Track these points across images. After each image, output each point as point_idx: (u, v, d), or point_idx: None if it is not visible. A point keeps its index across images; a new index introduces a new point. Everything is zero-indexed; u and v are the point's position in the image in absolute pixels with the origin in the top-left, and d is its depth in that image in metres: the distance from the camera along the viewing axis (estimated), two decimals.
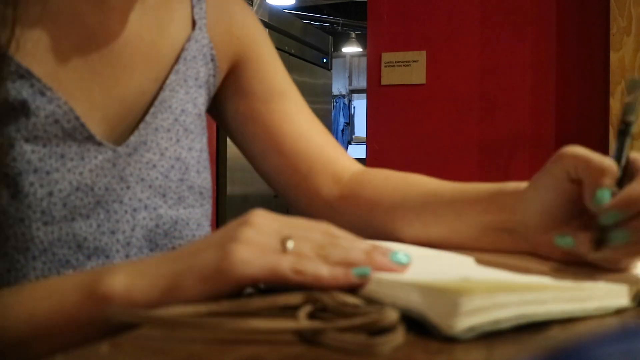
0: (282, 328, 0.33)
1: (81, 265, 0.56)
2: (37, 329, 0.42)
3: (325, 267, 0.40)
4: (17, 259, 0.54)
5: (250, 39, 0.76)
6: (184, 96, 0.67)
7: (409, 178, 0.68)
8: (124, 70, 0.62)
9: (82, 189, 0.57)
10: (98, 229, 0.58)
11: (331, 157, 0.75)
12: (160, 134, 0.64)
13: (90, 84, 0.59)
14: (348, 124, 9.88)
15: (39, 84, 0.55)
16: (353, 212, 0.70)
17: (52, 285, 0.45)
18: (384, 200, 0.66)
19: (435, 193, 0.61)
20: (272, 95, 0.75)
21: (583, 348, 0.21)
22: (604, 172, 0.45)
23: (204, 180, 0.69)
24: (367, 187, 0.70)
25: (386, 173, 0.71)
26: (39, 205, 0.54)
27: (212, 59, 0.71)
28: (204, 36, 0.70)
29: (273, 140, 0.74)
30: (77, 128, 0.57)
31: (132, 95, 0.62)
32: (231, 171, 3.21)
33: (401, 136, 2.66)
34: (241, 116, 0.75)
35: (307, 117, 0.77)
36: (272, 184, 0.77)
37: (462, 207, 0.58)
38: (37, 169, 0.54)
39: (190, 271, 0.40)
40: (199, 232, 0.67)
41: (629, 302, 0.41)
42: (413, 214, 0.62)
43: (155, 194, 0.63)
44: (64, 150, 0.56)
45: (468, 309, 0.33)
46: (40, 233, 0.54)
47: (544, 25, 2.43)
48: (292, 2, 6.02)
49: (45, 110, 0.55)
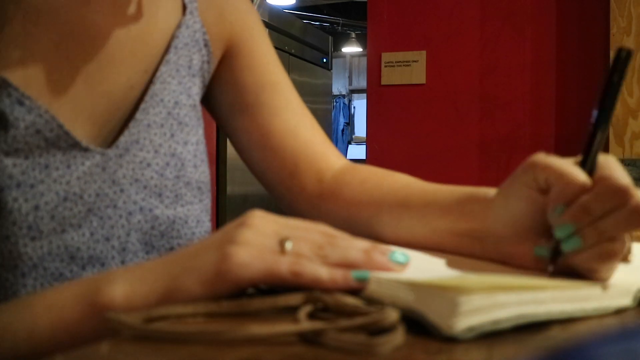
0: (282, 332, 0.33)
1: (75, 276, 0.55)
2: (38, 345, 0.41)
3: (324, 270, 0.40)
4: (5, 277, 0.51)
5: (243, 24, 0.73)
6: (176, 87, 0.64)
7: (384, 182, 0.65)
8: (110, 65, 0.58)
9: (71, 199, 0.54)
10: (92, 237, 0.56)
11: (317, 154, 0.72)
12: (154, 130, 0.62)
13: (74, 83, 0.56)
14: (348, 124, 9.88)
15: (16, 93, 0.51)
16: (333, 212, 0.68)
17: (49, 299, 0.43)
18: (360, 206, 0.64)
19: (407, 201, 0.59)
20: (262, 87, 0.72)
21: (583, 348, 0.21)
22: (576, 189, 0.42)
23: (202, 174, 0.67)
24: (345, 189, 0.68)
25: (364, 174, 0.69)
26: (24, 221, 0.51)
27: (205, 44, 0.68)
28: (195, 20, 0.67)
29: (260, 135, 0.72)
30: (61, 136, 0.54)
31: (119, 91, 0.59)
32: (231, 171, 3.21)
33: (401, 136, 2.66)
34: (231, 108, 0.73)
35: (296, 110, 0.74)
36: (259, 178, 0.76)
37: (432, 216, 0.55)
38: (20, 183, 0.52)
39: (189, 274, 0.40)
40: (199, 228, 0.65)
41: (629, 302, 0.41)
42: (385, 221, 0.60)
43: (150, 194, 0.61)
44: (47, 161, 0.53)
45: (467, 308, 0.33)
46: (28, 249, 0.52)
47: (544, 25, 2.43)
48: (292, 2, 6.02)
49: (25, 121, 0.52)
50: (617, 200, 0.41)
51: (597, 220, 0.41)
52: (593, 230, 0.41)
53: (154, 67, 0.63)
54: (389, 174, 0.67)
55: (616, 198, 0.41)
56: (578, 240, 0.42)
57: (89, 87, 0.57)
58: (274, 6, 4.17)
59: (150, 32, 0.62)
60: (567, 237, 0.42)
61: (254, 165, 0.75)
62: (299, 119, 0.73)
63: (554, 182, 0.43)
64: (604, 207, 0.41)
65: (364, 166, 0.72)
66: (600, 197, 0.41)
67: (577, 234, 0.42)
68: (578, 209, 0.42)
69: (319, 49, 4.59)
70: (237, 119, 0.73)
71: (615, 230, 0.41)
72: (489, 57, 2.52)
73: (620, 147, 2.15)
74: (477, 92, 2.54)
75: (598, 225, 0.41)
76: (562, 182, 0.43)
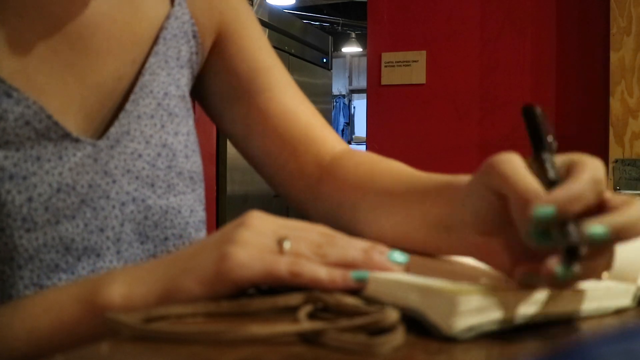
0: (282, 332, 0.33)
1: (71, 268, 0.55)
2: (37, 346, 0.41)
3: (323, 269, 0.40)
4: (2, 270, 0.51)
5: (232, 11, 0.72)
6: (165, 78, 0.64)
7: (376, 167, 0.63)
8: (98, 56, 0.58)
9: (64, 190, 0.54)
10: (86, 228, 0.56)
11: (317, 137, 0.71)
12: (144, 121, 0.62)
13: (63, 76, 0.56)
14: (348, 124, 9.88)
15: (3, 86, 0.51)
16: (328, 195, 0.66)
17: (48, 299, 0.43)
18: (350, 190, 0.63)
19: (393, 187, 0.57)
20: (257, 73, 0.71)
21: (583, 348, 0.21)
22: (527, 203, 0.37)
23: (194, 164, 0.66)
24: (339, 173, 0.66)
25: (360, 159, 0.67)
26: (18, 213, 0.51)
27: (193, 35, 0.68)
28: (184, 12, 0.66)
29: (258, 120, 0.70)
30: (51, 127, 0.54)
31: (108, 82, 0.59)
32: (231, 171, 3.21)
33: (401, 136, 2.66)
34: (225, 97, 0.72)
35: (294, 95, 0.72)
36: (257, 166, 0.74)
37: (410, 202, 0.54)
38: (12, 175, 0.52)
39: (188, 274, 0.40)
40: (193, 218, 0.65)
41: (629, 302, 0.41)
42: (368, 206, 0.59)
43: (143, 184, 0.61)
44: (39, 152, 0.53)
45: (467, 308, 0.33)
46: (23, 241, 0.52)
47: (544, 25, 2.44)
48: (292, 2, 6.02)
49: (14, 113, 0.51)
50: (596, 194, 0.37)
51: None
52: None
53: (142, 58, 0.62)
54: (383, 160, 0.66)
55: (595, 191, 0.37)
56: (578, 268, 0.36)
57: (78, 79, 0.57)
58: (274, 6, 4.17)
59: (137, 23, 0.62)
60: (562, 266, 0.35)
61: (252, 153, 0.73)
62: (297, 102, 0.72)
63: (508, 194, 0.39)
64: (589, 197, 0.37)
65: (362, 152, 0.70)
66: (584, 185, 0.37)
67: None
68: (564, 196, 0.36)
69: (319, 49, 4.59)
70: (232, 108, 0.72)
71: None
72: (489, 57, 2.52)
73: (620, 147, 2.15)
74: (477, 92, 2.54)
75: None
76: (513, 193, 0.38)
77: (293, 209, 0.75)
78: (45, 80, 0.55)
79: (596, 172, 0.38)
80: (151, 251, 0.61)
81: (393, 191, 0.57)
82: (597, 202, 0.38)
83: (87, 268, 0.56)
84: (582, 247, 0.35)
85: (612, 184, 2.12)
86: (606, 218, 0.36)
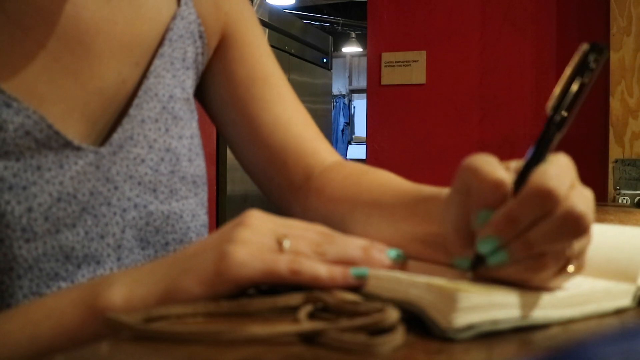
0: (282, 332, 0.33)
1: (71, 276, 0.54)
2: (39, 352, 0.41)
3: (322, 267, 0.40)
4: (1, 280, 0.51)
5: (238, 14, 0.71)
6: (170, 81, 0.63)
7: (364, 179, 0.62)
8: (99, 61, 0.57)
9: (64, 199, 0.54)
10: (86, 236, 0.55)
11: (307, 150, 0.70)
12: (148, 126, 0.61)
13: (64, 83, 0.55)
14: (348, 124, 9.87)
15: (2, 96, 0.51)
16: (316, 208, 0.66)
17: (48, 305, 0.42)
18: (338, 202, 0.62)
19: (380, 200, 0.56)
20: (254, 80, 0.70)
21: (583, 348, 0.21)
22: (490, 188, 0.37)
23: (197, 168, 0.66)
24: (327, 186, 0.65)
25: (349, 171, 0.66)
26: (18, 223, 0.51)
27: (200, 35, 0.67)
28: (190, 12, 0.66)
29: (250, 129, 0.70)
30: (52, 136, 0.53)
31: (111, 86, 0.58)
32: (231, 171, 3.21)
33: (401, 136, 2.66)
34: (222, 101, 0.71)
35: (288, 105, 0.72)
36: (249, 173, 0.74)
37: (399, 216, 0.52)
38: (12, 186, 0.51)
39: (188, 274, 0.40)
40: (194, 222, 0.64)
41: (628, 302, 0.41)
42: (357, 219, 0.58)
43: (145, 190, 0.60)
44: (39, 162, 0.53)
45: (466, 305, 0.33)
46: (22, 251, 0.51)
47: (544, 25, 2.43)
48: (292, 2, 6.02)
49: (14, 123, 0.51)
50: (543, 207, 0.36)
51: (524, 231, 0.36)
52: (520, 244, 0.36)
53: (146, 60, 0.61)
54: (371, 171, 0.65)
55: (541, 204, 0.36)
56: (504, 254, 0.37)
57: (80, 85, 0.56)
58: (274, 6, 4.17)
59: (140, 24, 0.61)
60: (491, 251, 0.37)
61: (243, 159, 0.73)
62: (290, 113, 0.71)
63: (471, 182, 0.39)
64: (530, 215, 0.36)
65: (352, 163, 0.70)
66: (524, 204, 0.36)
67: (503, 248, 0.37)
68: (501, 219, 0.37)
69: (319, 49, 4.59)
70: (227, 113, 0.71)
71: (544, 242, 0.36)
72: (489, 57, 2.52)
73: (620, 147, 2.15)
74: (477, 92, 2.54)
75: (526, 238, 0.36)
76: (477, 181, 0.38)
77: None
78: (46, 88, 0.54)
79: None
80: (152, 257, 0.61)
81: (381, 204, 0.56)
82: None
83: (87, 275, 0.55)
84: None
85: (612, 184, 2.12)
86: None
